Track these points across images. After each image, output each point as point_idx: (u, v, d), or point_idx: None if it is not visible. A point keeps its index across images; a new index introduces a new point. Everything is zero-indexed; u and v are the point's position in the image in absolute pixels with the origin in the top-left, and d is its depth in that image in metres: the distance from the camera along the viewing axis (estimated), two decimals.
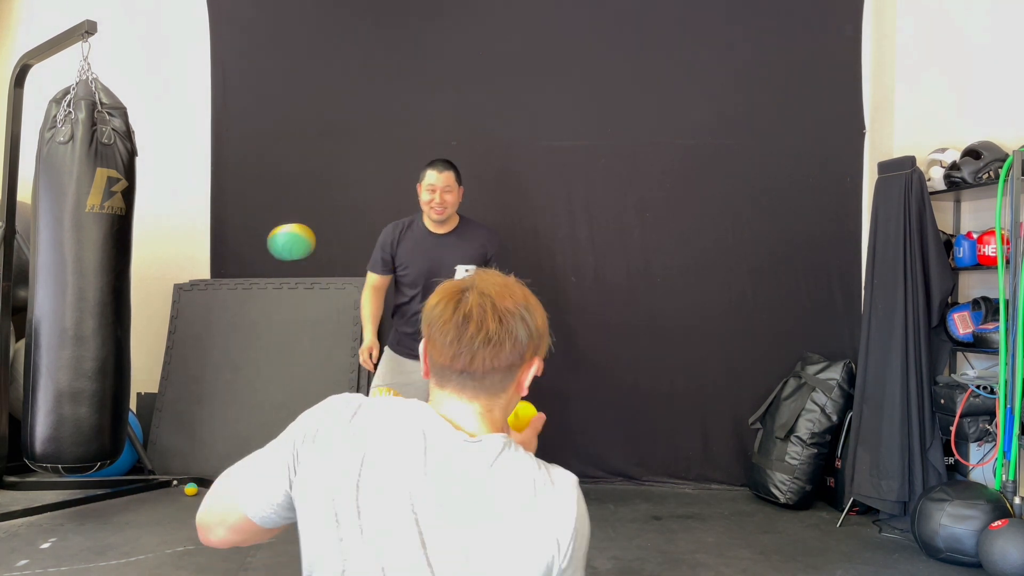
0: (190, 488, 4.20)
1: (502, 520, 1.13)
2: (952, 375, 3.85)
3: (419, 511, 1.13)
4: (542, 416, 1.52)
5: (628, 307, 4.64)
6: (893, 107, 4.26)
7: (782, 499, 4.09)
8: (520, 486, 1.15)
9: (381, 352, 3.73)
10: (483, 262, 3.67)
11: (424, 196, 3.66)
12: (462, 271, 3.68)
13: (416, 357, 3.72)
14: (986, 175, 3.63)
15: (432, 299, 1.22)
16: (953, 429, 3.58)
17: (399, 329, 3.77)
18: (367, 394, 4.42)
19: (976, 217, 4.03)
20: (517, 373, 1.22)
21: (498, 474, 1.15)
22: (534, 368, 1.25)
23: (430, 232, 3.72)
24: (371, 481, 1.15)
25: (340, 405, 1.24)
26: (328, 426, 1.21)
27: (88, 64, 3.72)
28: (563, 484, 1.18)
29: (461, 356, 1.17)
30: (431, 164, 3.69)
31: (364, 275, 4.76)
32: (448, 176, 3.65)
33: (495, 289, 1.20)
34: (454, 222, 3.75)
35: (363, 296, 3.82)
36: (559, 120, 4.72)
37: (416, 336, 3.72)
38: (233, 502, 1.24)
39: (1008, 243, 3.49)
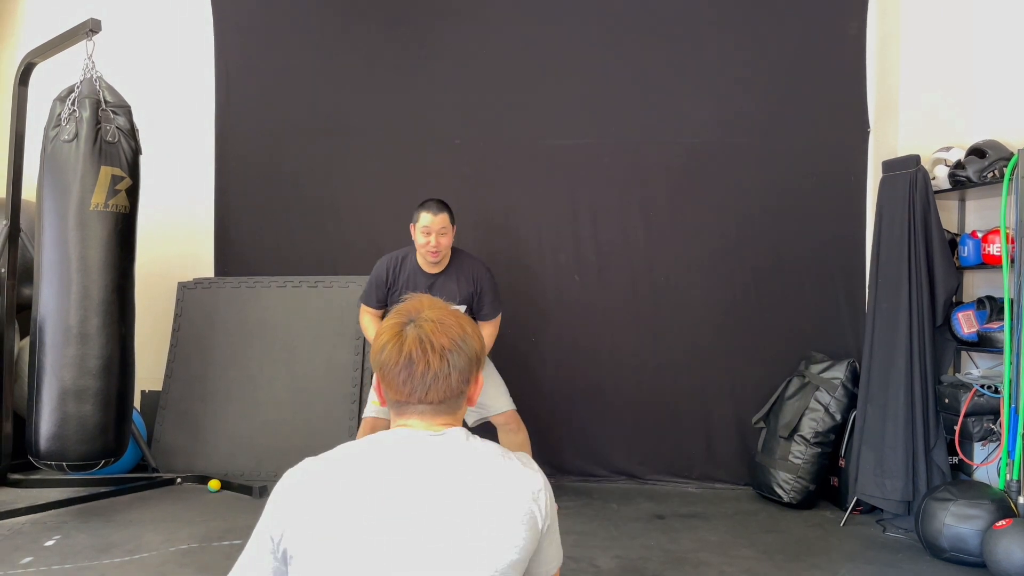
0: (213, 483, 4.22)
1: (480, 492, 1.26)
2: (956, 374, 3.84)
3: (409, 511, 1.24)
4: None
5: (631, 306, 4.63)
6: (897, 106, 4.25)
7: (786, 498, 4.09)
8: (490, 460, 1.32)
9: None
10: (473, 298, 3.76)
11: (419, 239, 3.68)
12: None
13: None
14: (991, 174, 3.62)
15: (377, 341, 1.35)
16: (957, 428, 3.57)
17: None
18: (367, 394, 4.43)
19: (981, 216, 4.02)
20: (467, 392, 1.37)
21: (469, 454, 1.32)
22: (480, 383, 1.41)
23: (423, 272, 3.77)
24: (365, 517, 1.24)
25: (298, 477, 1.31)
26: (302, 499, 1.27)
27: (92, 62, 3.72)
28: (526, 458, 1.37)
29: (416, 391, 1.31)
30: (424, 205, 3.70)
31: (367, 273, 4.78)
32: (443, 218, 3.68)
33: (430, 327, 1.32)
34: (446, 260, 3.79)
35: (364, 324, 3.91)
36: (562, 119, 4.71)
37: None
38: None
39: (1013, 242, 3.48)
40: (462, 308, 3.77)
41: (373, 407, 3.76)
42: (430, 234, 3.65)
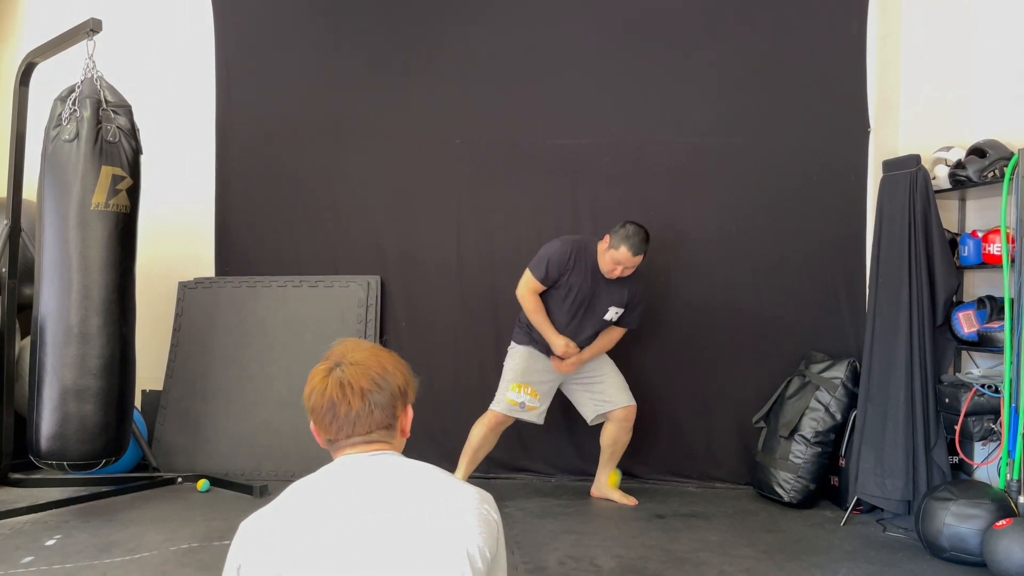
0: (200, 482, 4.23)
1: (431, 500, 1.33)
2: (957, 374, 3.84)
3: (353, 532, 1.30)
4: None
5: None
6: (898, 105, 4.25)
7: (786, 498, 4.09)
8: (432, 472, 1.41)
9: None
10: (627, 304, 3.97)
11: (607, 263, 3.83)
12: (612, 312, 3.95)
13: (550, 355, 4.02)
14: (991, 173, 3.62)
15: (308, 386, 1.46)
16: (958, 428, 3.57)
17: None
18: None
19: (981, 215, 4.02)
20: (398, 424, 1.47)
21: (410, 469, 1.41)
22: (410, 415, 1.51)
23: (600, 273, 3.91)
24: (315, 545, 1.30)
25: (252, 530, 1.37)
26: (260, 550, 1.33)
27: (93, 62, 3.72)
28: (464, 483, 1.43)
29: (343, 429, 1.42)
30: (629, 239, 3.79)
31: (368, 273, 4.79)
32: (639, 260, 3.84)
33: (351, 371, 1.43)
34: None
35: (528, 300, 3.94)
36: (563, 118, 4.71)
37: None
38: None
39: (1013, 241, 3.48)
40: (621, 311, 3.97)
41: (507, 404, 3.91)
42: (619, 265, 3.82)
